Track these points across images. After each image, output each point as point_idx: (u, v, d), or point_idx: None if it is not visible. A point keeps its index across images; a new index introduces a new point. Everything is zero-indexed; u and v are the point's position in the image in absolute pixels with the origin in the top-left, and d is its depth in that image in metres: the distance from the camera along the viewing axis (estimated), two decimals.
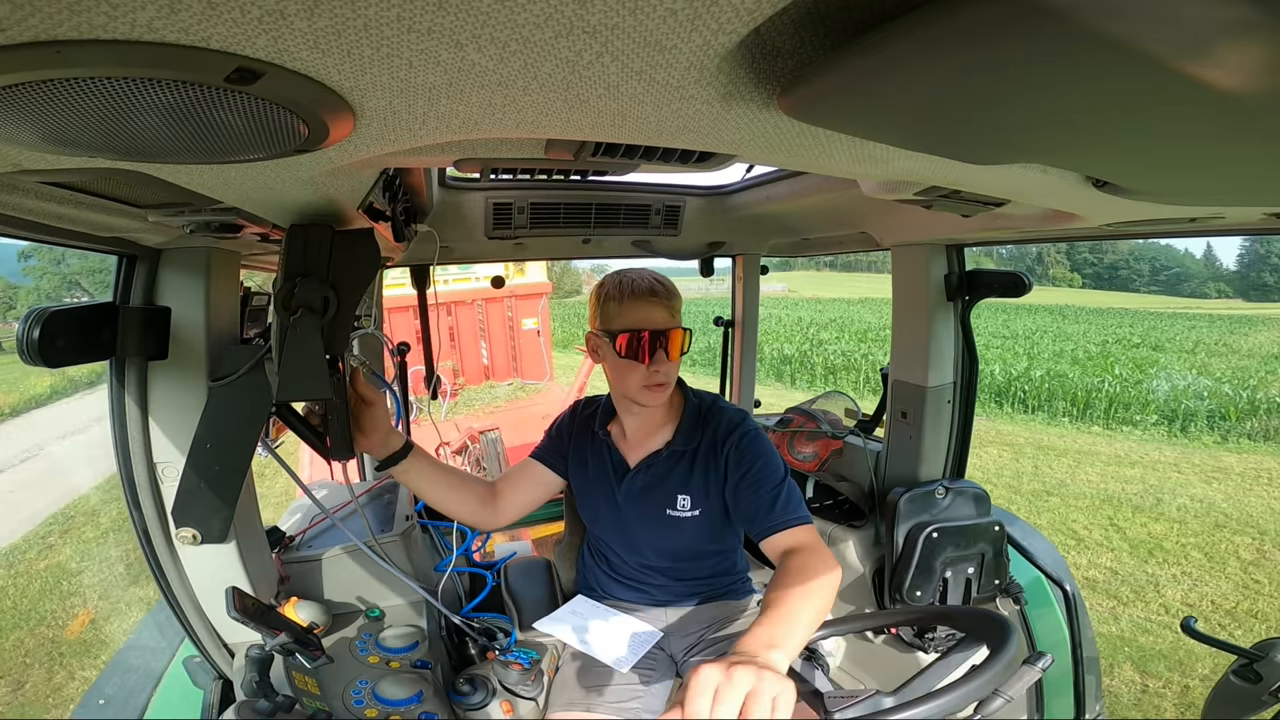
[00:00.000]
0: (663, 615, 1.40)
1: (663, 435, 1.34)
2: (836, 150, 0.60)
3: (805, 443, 2.05)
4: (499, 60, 0.38)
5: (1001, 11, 0.28)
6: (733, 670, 0.69)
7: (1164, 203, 0.79)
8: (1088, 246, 73.66)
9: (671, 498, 1.31)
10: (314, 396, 0.90)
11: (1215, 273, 74.93)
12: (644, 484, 1.33)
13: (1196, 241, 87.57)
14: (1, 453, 9.54)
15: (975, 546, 1.62)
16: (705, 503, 1.31)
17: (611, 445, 1.38)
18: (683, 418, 1.33)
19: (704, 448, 1.30)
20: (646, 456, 1.34)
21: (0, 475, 8.53)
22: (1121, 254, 75.71)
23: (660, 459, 1.32)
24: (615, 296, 1.24)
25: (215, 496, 0.92)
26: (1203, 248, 78.23)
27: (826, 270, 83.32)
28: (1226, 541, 5.44)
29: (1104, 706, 1.69)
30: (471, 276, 7.38)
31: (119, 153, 0.47)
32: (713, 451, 1.29)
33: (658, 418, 1.34)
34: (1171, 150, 0.50)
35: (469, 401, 7.11)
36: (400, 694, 1.07)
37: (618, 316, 1.24)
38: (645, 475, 1.33)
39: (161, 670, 1.16)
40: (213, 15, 0.30)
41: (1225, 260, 77.40)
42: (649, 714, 1.25)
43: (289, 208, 0.75)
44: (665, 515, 1.32)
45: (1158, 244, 76.23)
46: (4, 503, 7.31)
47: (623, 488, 1.34)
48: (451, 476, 1.31)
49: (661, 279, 1.26)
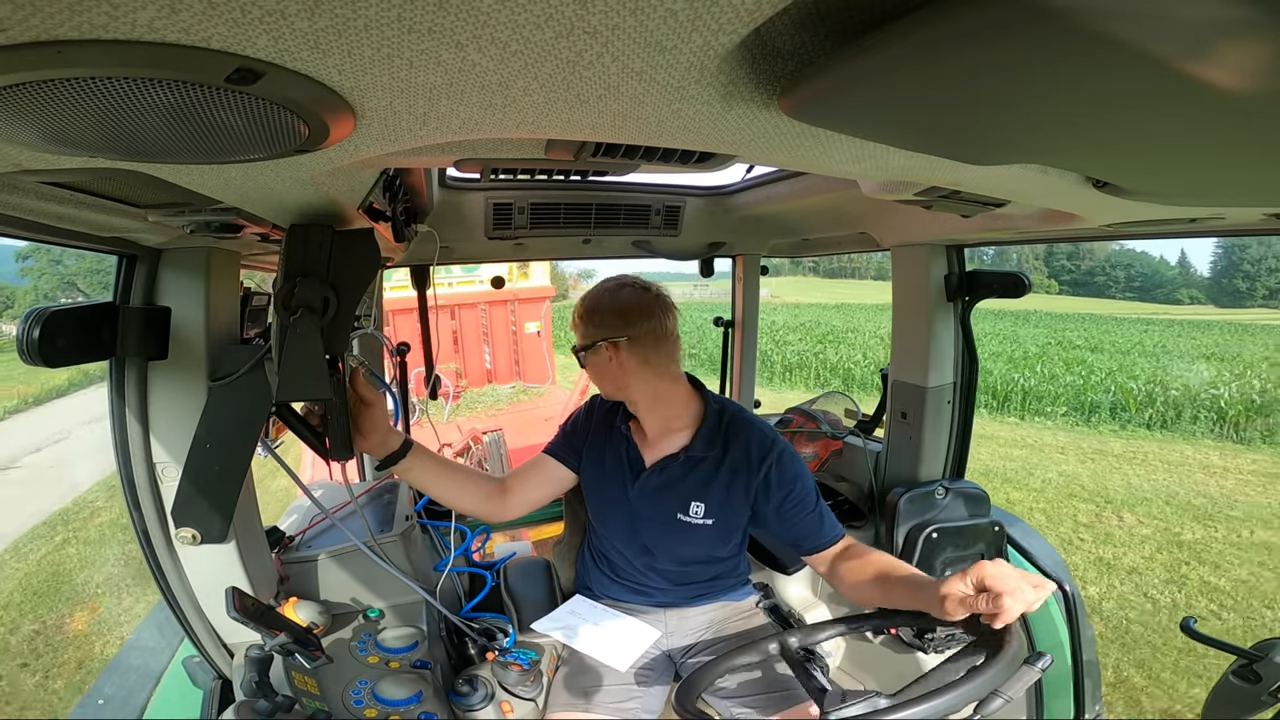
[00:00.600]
0: (662, 616, 1.40)
1: (680, 439, 1.33)
2: (836, 150, 0.60)
3: (805, 443, 2.05)
4: (499, 60, 0.38)
5: (1002, 13, 0.28)
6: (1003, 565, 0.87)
7: (1164, 203, 0.79)
8: (1065, 253, 74.21)
9: (685, 503, 1.30)
10: (314, 396, 0.90)
11: (1189, 279, 75.36)
12: (658, 485, 1.32)
13: (1170, 248, 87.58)
14: (36, 434, 10.95)
15: (975, 547, 1.62)
16: (721, 513, 1.30)
17: (631, 441, 1.37)
18: (702, 424, 1.32)
19: (731, 459, 1.29)
20: (663, 458, 1.33)
21: (41, 452, 9.94)
22: (1098, 260, 76.45)
23: (676, 463, 1.31)
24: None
25: (215, 496, 0.92)
26: (1177, 254, 79.01)
27: (811, 275, 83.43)
28: (1071, 507, 6.20)
29: (1103, 707, 1.69)
30: (475, 279, 7.45)
31: (119, 153, 0.47)
32: (745, 467, 1.28)
33: (677, 421, 1.33)
34: (1172, 151, 0.50)
35: (471, 404, 7.19)
36: (400, 694, 1.07)
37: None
38: (659, 477, 1.32)
39: (161, 670, 1.16)
40: (213, 15, 0.30)
41: (1199, 267, 78.04)
42: (648, 714, 1.25)
43: (289, 208, 0.75)
44: (676, 519, 1.31)
45: (1133, 250, 77.09)
46: (52, 472, 8.77)
47: (637, 485, 1.33)
48: (456, 471, 1.31)
49: (586, 300, 1.33)
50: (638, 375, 1.28)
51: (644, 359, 1.27)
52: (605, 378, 1.32)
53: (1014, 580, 0.83)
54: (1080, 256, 75.25)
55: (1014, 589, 0.82)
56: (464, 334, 7.53)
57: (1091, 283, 75.66)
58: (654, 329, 1.27)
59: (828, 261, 69.98)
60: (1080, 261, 76.42)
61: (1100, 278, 76.40)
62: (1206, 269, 76.62)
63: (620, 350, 1.26)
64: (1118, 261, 76.80)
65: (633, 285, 1.31)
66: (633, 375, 1.28)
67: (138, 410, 0.99)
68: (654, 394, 1.31)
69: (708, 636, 1.38)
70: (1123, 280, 75.54)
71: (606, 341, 1.27)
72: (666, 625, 1.39)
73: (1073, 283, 76.22)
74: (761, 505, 1.28)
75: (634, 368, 1.27)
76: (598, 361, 1.30)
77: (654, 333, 1.27)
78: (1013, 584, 0.83)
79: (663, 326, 1.28)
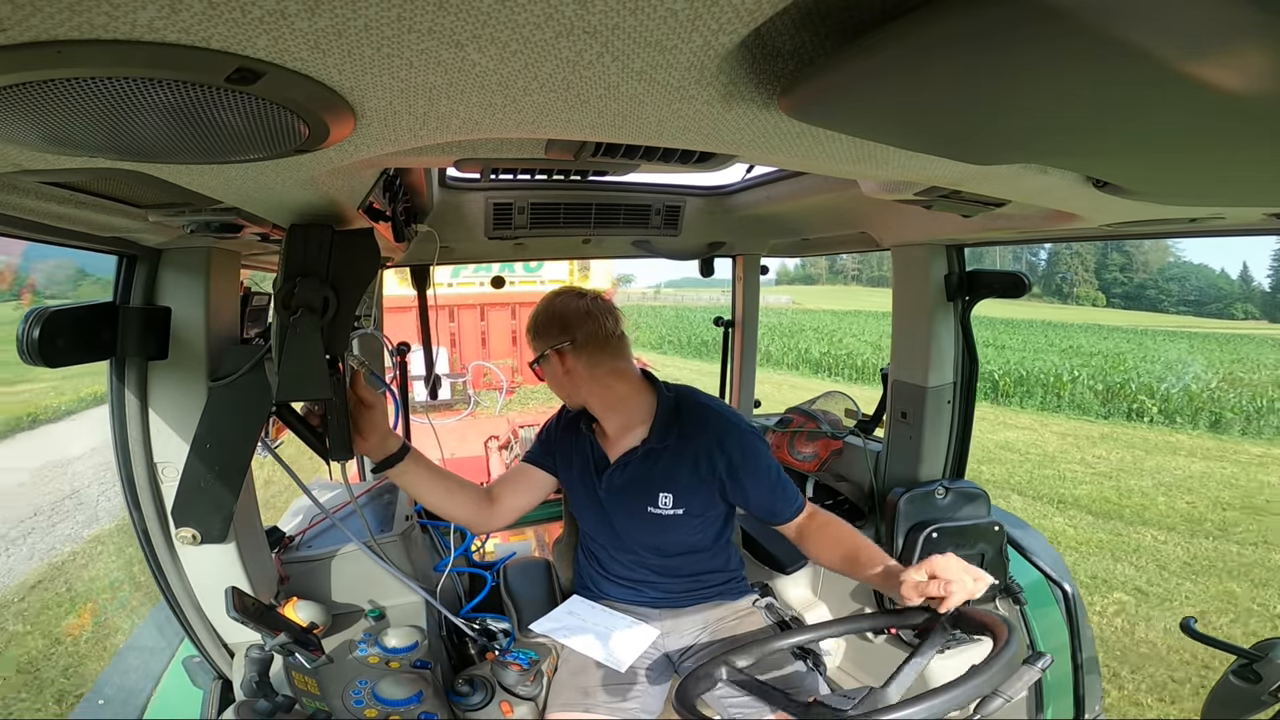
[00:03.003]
0: (658, 615, 1.40)
1: (639, 433, 1.35)
2: (836, 150, 0.60)
3: (805, 443, 2.05)
4: (499, 60, 0.38)
5: (1002, 13, 0.28)
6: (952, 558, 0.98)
7: (1164, 203, 0.79)
8: (1118, 265, 73.03)
9: (652, 496, 1.32)
10: (314, 397, 0.90)
11: (1250, 293, 73.28)
12: (623, 481, 1.34)
13: (1233, 260, 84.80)
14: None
15: (975, 547, 1.61)
16: (691, 500, 1.31)
17: (594, 442, 1.39)
18: (655, 415, 1.34)
19: (691, 445, 1.30)
20: (624, 454, 1.35)
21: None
22: (1152, 273, 74.59)
23: (636, 457, 1.33)
24: None
25: (215, 496, 0.92)
26: (1238, 268, 77.05)
27: (854, 285, 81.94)
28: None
29: (1104, 707, 1.69)
30: (537, 280, 7.84)
31: (120, 153, 0.47)
32: (705, 449, 1.30)
33: (634, 416, 1.35)
34: (1172, 151, 0.50)
35: (524, 399, 7.64)
36: (400, 694, 1.07)
37: None
38: (623, 473, 1.34)
39: (161, 670, 1.16)
40: (213, 15, 0.30)
41: (1262, 281, 75.49)
42: (647, 714, 1.25)
43: (289, 208, 0.75)
44: (647, 512, 1.32)
45: (1190, 263, 74.61)
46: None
47: (603, 483, 1.36)
48: (448, 480, 1.31)
49: (530, 317, 1.37)
50: (588, 377, 1.31)
51: (590, 361, 1.30)
52: (560, 385, 1.36)
53: (957, 571, 0.95)
54: (1134, 269, 73.18)
55: (957, 578, 0.94)
56: (522, 332, 7.95)
57: (1143, 296, 74.14)
58: (594, 331, 1.30)
59: (869, 269, 69.40)
60: (1134, 274, 74.53)
61: (1152, 290, 74.30)
62: (1268, 284, 74.44)
63: (566, 357, 1.30)
64: (1173, 274, 74.19)
65: (567, 294, 1.36)
66: (583, 378, 1.31)
67: (138, 410, 0.99)
68: (607, 393, 1.34)
69: (705, 638, 1.38)
70: (1176, 294, 73.69)
71: (552, 350, 1.31)
72: (663, 625, 1.39)
73: (1124, 295, 74.62)
74: (727, 484, 1.31)
75: (583, 371, 1.31)
76: (550, 371, 1.34)
77: (595, 335, 1.30)
78: (955, 574, 0.95)
79: (603, 328, 1.31)
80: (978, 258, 1.50)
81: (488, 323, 8.13)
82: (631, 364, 1.37)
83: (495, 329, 8.25)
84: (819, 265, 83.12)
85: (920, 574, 0.98)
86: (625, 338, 1.36)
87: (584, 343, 1.30)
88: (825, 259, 54.33)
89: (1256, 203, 0.76)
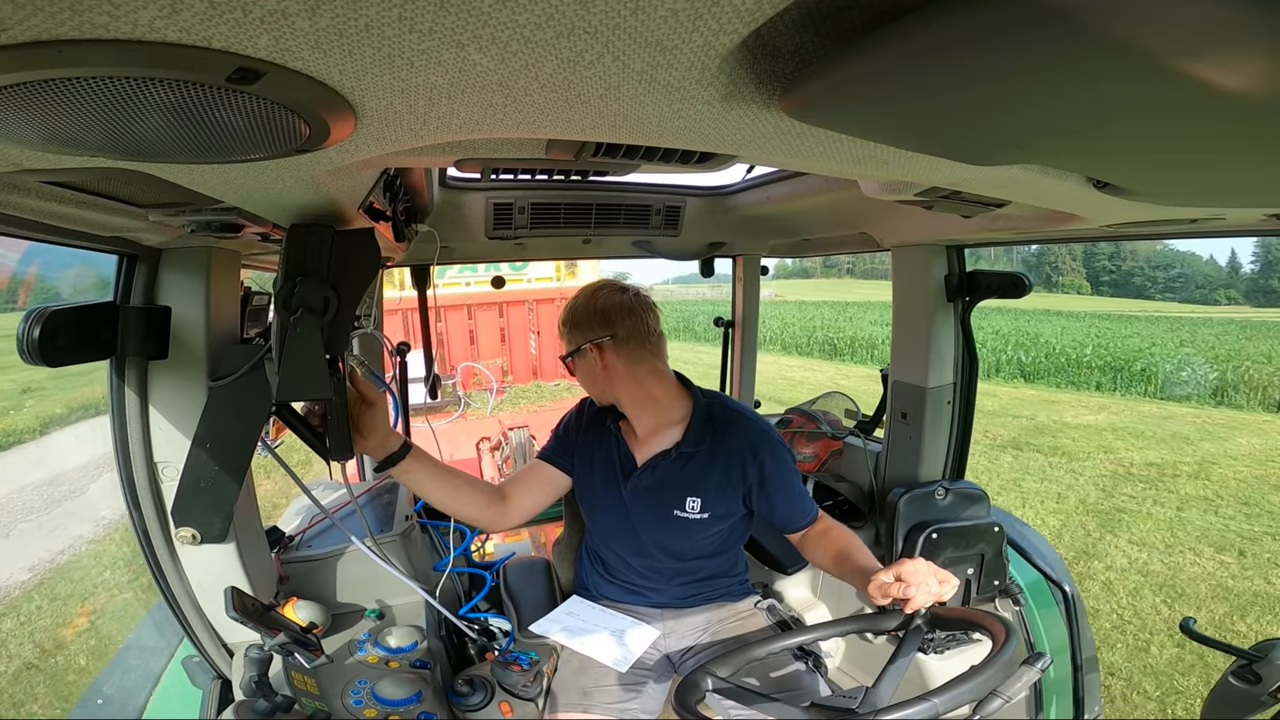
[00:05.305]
0: (660, 616, 1.40)
1: (671, 435, 1.33)
2: (837, 150, 0.60)
3: (805, 443, 2.05)
4: (500, 60, 0.38)
5: (1003, 14, 0.28)
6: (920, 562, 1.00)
7: (1165, 204, 0.79)
8: (1106, 253, 73.52)
9: (680, 499, 1.30)
10: (314, 396, 0.90)
11: (1234, 279, 73.56)
12: (650, 483, 1.32)
13: (1221, 248, 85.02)
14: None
15: (975, 547, 1.61)
16: (717, 506, 1.30)
17: (621, 440, 1.37)
18: (691, 419, 1.32)
19: (723, 451, 1.29)
20: (654, 456, 1.33)
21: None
22: (1139, 261, 75.05)
23: (668, 460, 1.31)
24: None
25: (215, 496, 0.92)
26: (1227, 254, 77.18)
27: (848, 278, 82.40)
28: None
29: (1103, 708, 1.69)
30: (523, 277, 7.79)
31: (120, 152, 0.47)
32: (737, 457, 1.29)
33: (667, 418, 1.34)
34: (1172, 152, 0.50)
35: (515, 400, 7.60)
36: (399, 694, 1.07)
37: None
38: (652, 475, 1.32)
39: (160, 670, 1.16)
40: (214, 15, 0.30)
41: (1248, 267, 75.69)
42: (647, 714, 1.25)
43: (290, 208, 0.75)
44: (673, 516, 1.31)
45: (1177, 250, 74.92)
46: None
47: (629, 485, 1.34)
48: (455, 478, 1.30)
49: (567, 308, 1.36)
50: (626, 375, 1.29)
51: (630, 358, 1.28)
52: (594, 381, 1.33)
53: (924, 574, 0.97)
54: (1121, 257, 73.77)
55: (922, 581, 0.96)
56: (511, 331, 7.89)
57: (1129, 283, 74.60)
58: (636, 327, 1.28)
59: (863, 263, 69.51)
60: (1121, 262, 75.13)
61: (1138, 278, 75.00)
62: (1250, 268, 74.58)
63: (605, 352, 1.28)
64: (1159, 262, 74.78)
65: (610, 288, 1.33)
66: (620, 375, 1.29)
67: (138, 410, 0.99)
68: (643, 393, 1.32)
69: (706, 638, 1.38)
70: (1161, 281, 74.26)
71: (591, 344, 1.28)
72: (665, 626, 1.39)
73: (1111, 283, 75.13)
74: (755, 492, 1.31)
75: (621, 368, 1.28)
76: (585, 366, 1.31)
77: (637, 331, 1.28)
78: (921, 577, 0.97)
79: (644, 324, 1.29)
80: (973, 252, 1.55)
81: (475, 322, 8.13)
82: (668, 365, 1.35)
83: (483, 329, 8.24)
84: (814, 259, 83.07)
85: (888, 575, 0.99)
86: (664, 337, 1.34)
87: (625, 339, 1.28)
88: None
89: (1257, 203, 0.76)
